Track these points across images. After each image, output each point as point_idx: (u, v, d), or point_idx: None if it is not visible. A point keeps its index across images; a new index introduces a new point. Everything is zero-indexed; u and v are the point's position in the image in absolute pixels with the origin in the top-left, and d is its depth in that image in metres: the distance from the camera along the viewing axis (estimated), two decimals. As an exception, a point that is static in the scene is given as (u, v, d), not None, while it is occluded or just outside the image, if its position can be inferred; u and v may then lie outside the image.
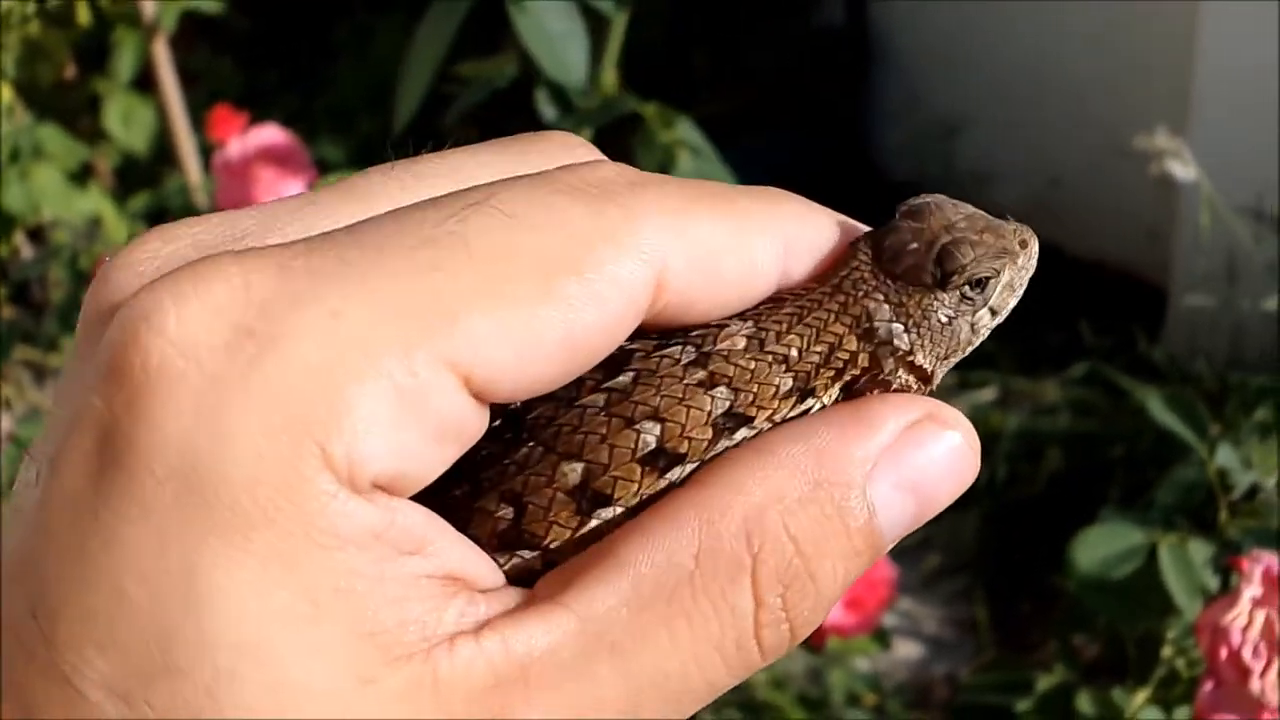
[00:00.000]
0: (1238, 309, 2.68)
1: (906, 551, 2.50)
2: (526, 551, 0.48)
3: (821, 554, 0.48)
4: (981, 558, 2.60)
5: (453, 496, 0.48)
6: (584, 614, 0.46)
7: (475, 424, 0.46)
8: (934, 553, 2.62)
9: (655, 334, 0.50)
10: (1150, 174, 2.17)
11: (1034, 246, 0.55)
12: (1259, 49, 2.78)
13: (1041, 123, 3.39)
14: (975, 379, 2.82)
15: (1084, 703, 1.64)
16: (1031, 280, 0.55)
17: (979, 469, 0.51)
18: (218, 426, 0.42)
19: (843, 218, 0.53)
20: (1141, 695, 1.57)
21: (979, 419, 2.74)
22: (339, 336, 0.43)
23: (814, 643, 1.82)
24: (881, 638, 1.94)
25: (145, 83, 2.47)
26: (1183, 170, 2.13)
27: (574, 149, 0.53)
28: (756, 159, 2.54)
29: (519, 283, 0.45)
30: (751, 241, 0.50)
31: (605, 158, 0.53)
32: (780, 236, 0.51)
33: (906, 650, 2.45)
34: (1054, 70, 3.38)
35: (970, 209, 0.54)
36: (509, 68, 1.72)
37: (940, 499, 0.50)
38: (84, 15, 2.22)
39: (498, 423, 0.49)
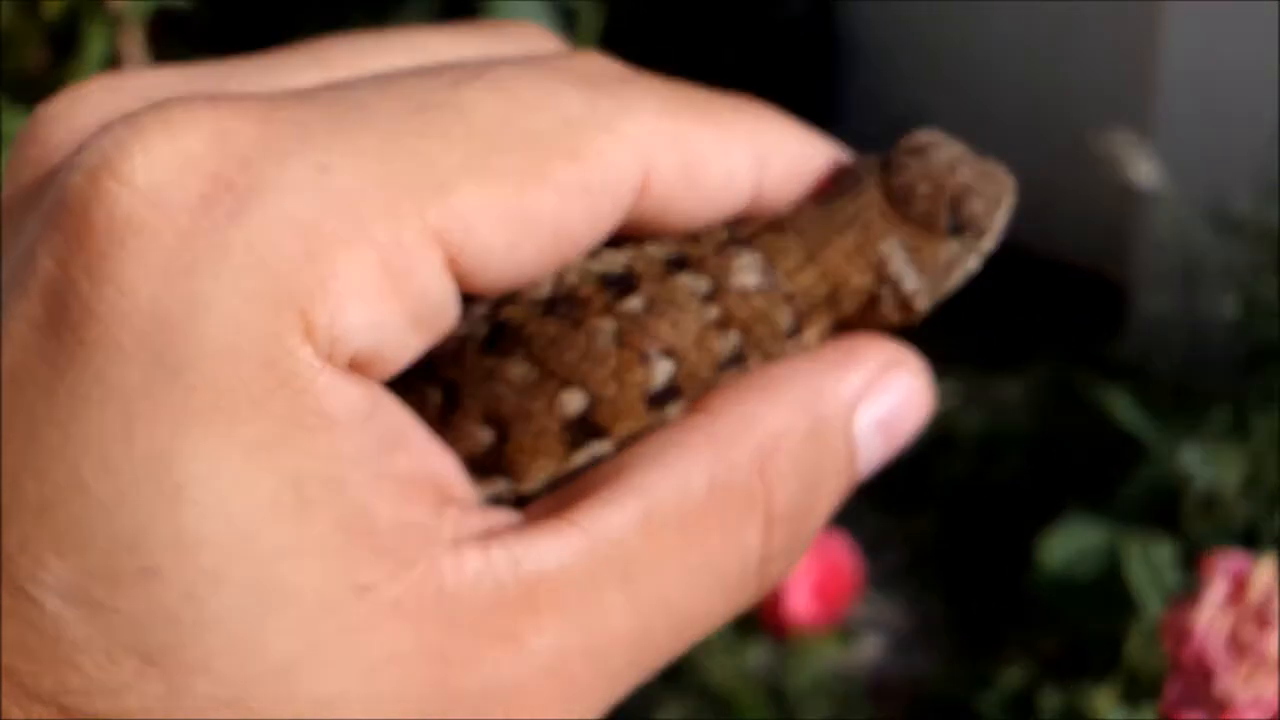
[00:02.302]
0: (1198, 310, 2.69)
1: (867, 546, 2.50)
2: (503, 480, 0.45)
3: (820, 491, 0.48)
4: (942, 554, 2.61)
5: (422, 406, 0.45)
6: (596, 535, 0.43)
7: (451, 314, 0.43)
8: (895, 549, 2.62)
9: (657, 247, 0.49)
10: (1110, 175, 2.18)
11: (1013, 187, 0.55)
12: (1224, 48, 2.79)
13: (1004, 119, 3.40)
14: (936, 376, 2.82)
15: (1047, 701, 1.65)
16: (992, 279, 0.56)
17: (931, 410, 0.52)
18: (193, 290, 0.38)
19: (821, 139, 0.53)
20: (1105, 693, 1.58)
21: (940, 417, 2.74)
22: (326, 194, 0.39)
23: (777, 636, 1.82)
24: (845, 634, 1.94)
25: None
26: (1143, 172, 2.14)
27: (542, 40, 0.51)
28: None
29: (513, 160, 0.43)
30: (732, 153, 0.49)
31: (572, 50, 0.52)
32: (760, 152, 0.50)
33: (868, 646, 2.45)
34: (1017, 66, 3.38)
35: (962, 148, 0.55)
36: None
37: (902, 439, 0.51)
38: (53, 5, 2.21)
39: (482, 329, 0.47)
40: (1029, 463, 2.63)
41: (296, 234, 0.39)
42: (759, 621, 1.83)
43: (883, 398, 0.50)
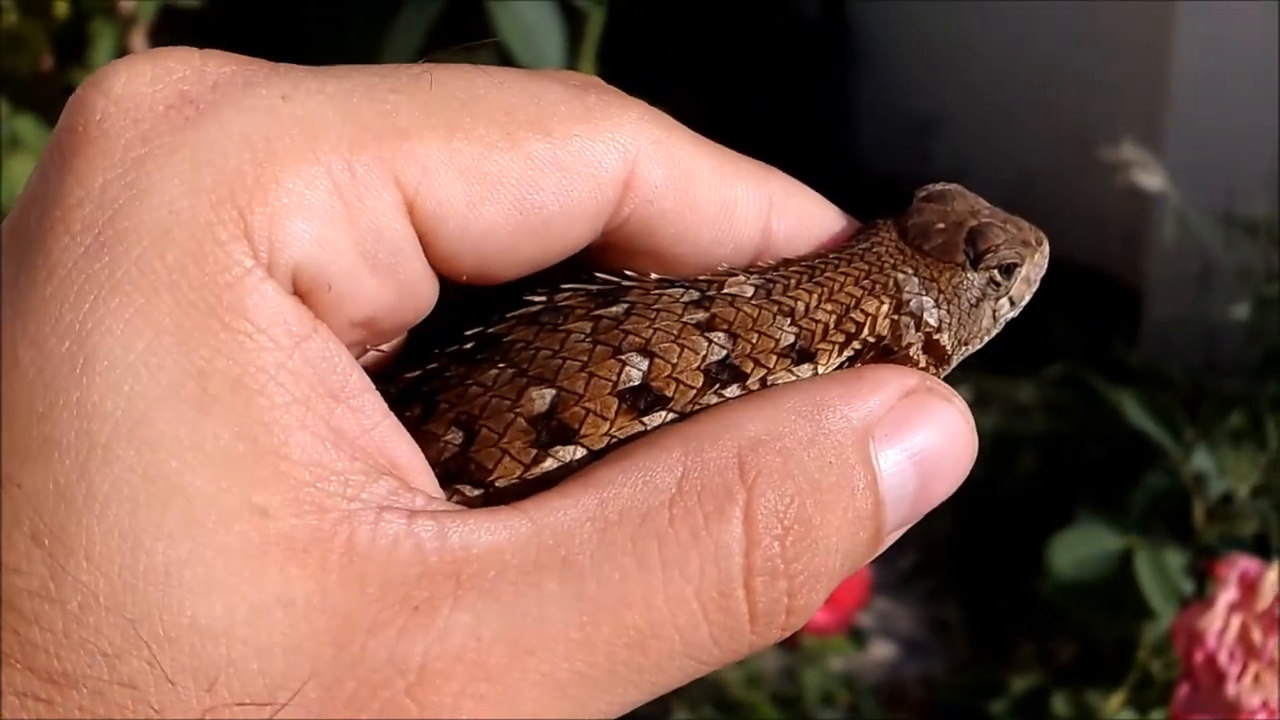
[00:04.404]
0: (1212, 314, 2.68)
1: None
2: (469, 488, 0.45)
3: (825, 506, 0.44)
4: (955, 558, 2.60)
5: (402, 419, 0.44)
6: (540, 521, 0.41)
7: (416, 272, 0.44)
8: (908, 553, 2.62)
9: (656, 276, 0.48)
10: (1119, 184, 2.17)
11: (1046, 247, 0.54)
12: (1235, 52, 2.78)
13: (1017, 123, 3.39)
14: (950, 378, 2.81)
15: (1059, 705, 1.64)
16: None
17: (975, 457, 0.49)
18: (139, 178, 0.40)
19: (835, 207, 0.52)
20: (1117, 698, 1.57)
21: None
22: (283, 117, 0.41)
23: (789, 640, 1.82)
24: (857, 637, 1.94)
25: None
26: (1150, 180, 2.13)
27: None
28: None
29: (479, 123, 0.44)
30: (733, 182, 0.49)
31: None
32: (765, 193, 0.50)
33: (880, 650, 2.45)
34: (1030, 70, 3.38)
35: (986, 202, 0.54)
36: (485, 59, 1.71)
37: (941, 479, 0.48)
38: (61, 7, 2.21)
39: (470, 345, 0.47)
40: (1042, 466, 2.63)
41: (246, 144, 0.40)
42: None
43: (916, 433, 0.47)
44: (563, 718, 0.41)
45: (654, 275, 0.49)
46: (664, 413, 0.46)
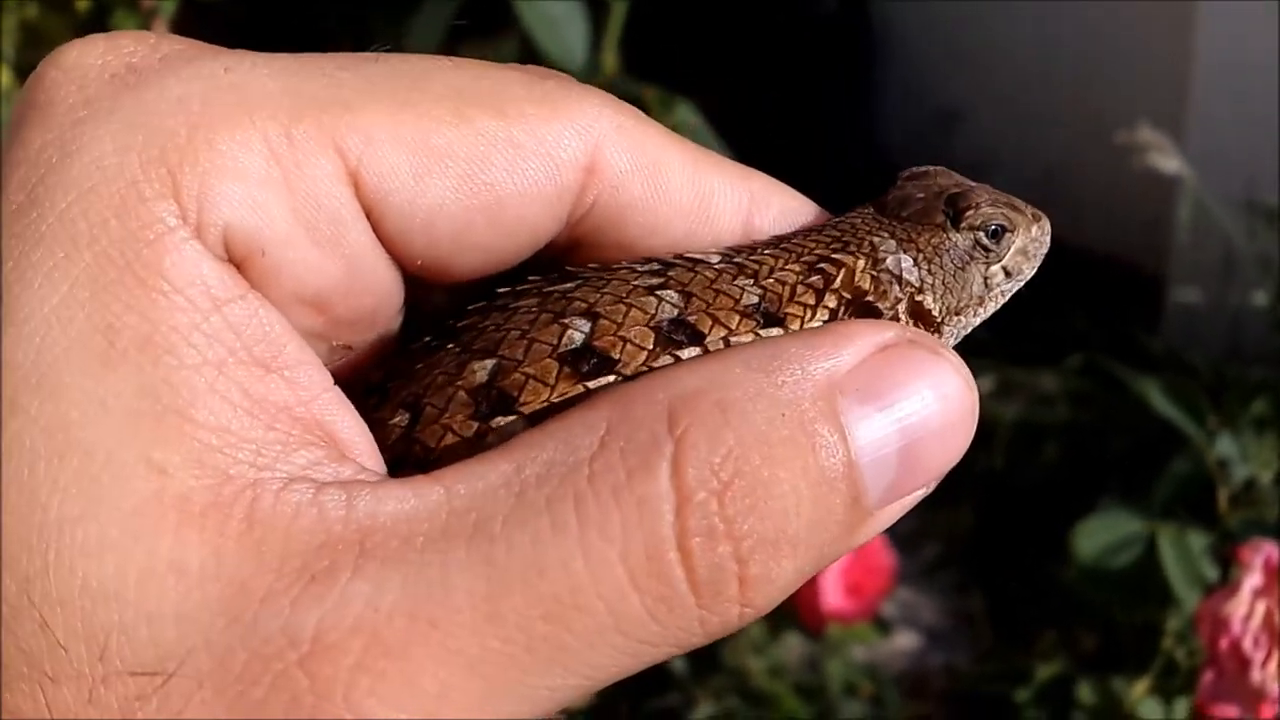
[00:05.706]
0: (1234, 301, 2.68)
1: (904, 541, 2.50)
2: (415, 469, 0.42)
3: (775, 461, 0.40)
4: (979, 548, 2.60)
5: (366, 410, 0.44)
6: (454, 489, 0.39)
7: (363, 245, 0.43)
8: (931, 542, 2.61)
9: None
10: (1135, 168, 2.16)
11: (1047, 224, 0.52)
12: (1257, 42, 2.77)
13: (1040, 113, 3.39)
14: (972, 368, 2.80)
15: (1084, 693, 1.64)
16: (1029, 269, 0.53)
17: (976, 416, 0.44)
18: (73, 140, 0.40)
19: (817, 206, 0.51)
20: (1141, 685, 1.57)
21: (975, 409, 2.74)
22: (223, 87, 0.41)
23: (813, 629, 1.82)
24: (881, 625, 1.94)
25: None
26: (1168, 164, 2.12)
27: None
28: (755, 145, 2.52)
29: (428, 100, 0.43)
30: (708, 174, 0.47)
31: None
32: (745, 188, 0.48)
33: (903, 640, 2.44)
34: (1053, 61, 3.37)
35: (974, 183, 0.52)
36: (509, 51, 1.71)
37: (935, 442, 0.43)
38: (83, 1, 2.21)
39: (430, 338, 0.46)
40: (1065, 454, 2.62)
41: (182, 109, 0.40)
42: (794, 616, 1.82)
43: (896, 389, 0.43)
44: (476, 699, 0.38)
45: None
46: (611, 376, 0.43)
